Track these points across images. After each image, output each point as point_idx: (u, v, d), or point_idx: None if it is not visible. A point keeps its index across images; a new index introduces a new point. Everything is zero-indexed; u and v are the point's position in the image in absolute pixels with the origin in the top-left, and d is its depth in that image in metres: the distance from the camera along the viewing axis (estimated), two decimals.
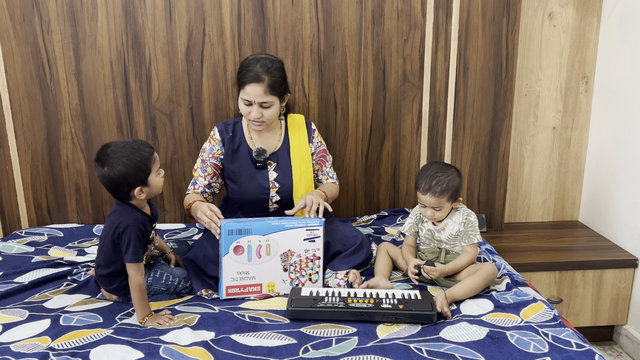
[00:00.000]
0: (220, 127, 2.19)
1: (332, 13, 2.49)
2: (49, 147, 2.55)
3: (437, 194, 1.92)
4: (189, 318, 1.72)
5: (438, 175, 1.94)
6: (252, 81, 2.00)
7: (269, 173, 2.16)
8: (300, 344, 1.59)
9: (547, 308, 1.76)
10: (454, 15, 2.52)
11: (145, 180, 1.77)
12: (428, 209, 1.97)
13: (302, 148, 2.19)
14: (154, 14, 2.44)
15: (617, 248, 2.59)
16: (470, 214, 1.99)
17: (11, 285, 1.96)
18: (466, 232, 1.97)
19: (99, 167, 1.75)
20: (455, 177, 1.95)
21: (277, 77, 2.03)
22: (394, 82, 2.58)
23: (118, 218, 1.78)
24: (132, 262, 1.74)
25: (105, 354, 1.53)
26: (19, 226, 2.62)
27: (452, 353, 1.53)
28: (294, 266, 1.92)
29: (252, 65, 2.02)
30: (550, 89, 2.77)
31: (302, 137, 2.21)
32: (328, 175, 2.26)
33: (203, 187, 2.17)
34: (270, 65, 2.03)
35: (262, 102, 2.02)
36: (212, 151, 2.17)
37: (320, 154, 2.25)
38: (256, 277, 1.91)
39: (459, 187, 1.96)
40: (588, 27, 2.71)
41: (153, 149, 1.80)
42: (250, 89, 2.01)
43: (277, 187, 2.15)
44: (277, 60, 2.09)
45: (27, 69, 2.46)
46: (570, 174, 2.89)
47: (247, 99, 2.03)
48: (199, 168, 2.18)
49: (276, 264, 1.91)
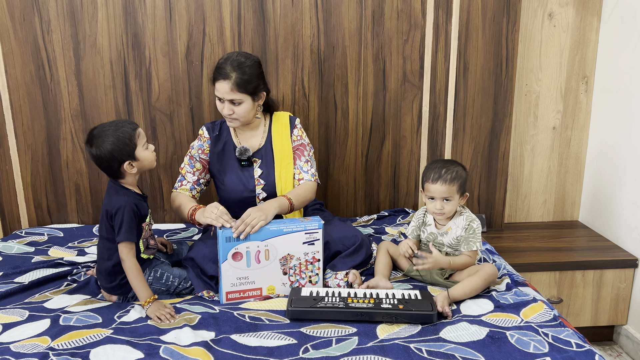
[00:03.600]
0: (207, 125, 2.23)
1: (332, 13, 2.49)
2: (49, 147, 2.55)
3: (447, 181, 1.92)
4: (189, 317, 1.72)
5: (447, 166, 1.95)
6: (220, 78, 2.03)
7: (254, 170, 2.17)
8: (300, 344, 1.59)
9: (547, 308, 1.76)
10: (454, 15, 2.52)
11: (132, 154, 1.83)
12: (437, 201, 1.94)
13: (284, 143, 2.20)
14: (154, 14, 2.44)
15: (617, 248, 2.59)
16: (474, 221, 1.96)
17: (11, 285, 1.96)
18: (466, 238, 1.95)
19: (89, 148, 1.83)
20: (462, 170, 1.97)
21: (247, 74, 2.02)
22: (394, 82, 2.58)
23: (110, 202, 1.84)
24: (125, 241, 1.79)
25: (105, 354, 1.53)
26: (19, 226, 2.62)
27: (452, 353, 1.53)
28: (293, 269, 1.92)
29: (224, 62, 2.05)
30: (550, 89, 2.77)
31: (285, 133, 2.21)
32: (301, 170, 2.19)
33: (192, 183, 2.17)
34: (242, 61, 2.03)
35: (230, 100, 2.04)
36: (202, 147, 2.19)
37: (297, 148, 2.22)
38: (256, 281, 1.90)
39: (466, 179, 1.97)
40: (588, 27, 2.71)
41: (137, 125, 1.87)
42: (218, 85, 2.04)
43: (263, 183, 2.16)
44: (251, 58, 2.08)
45: (27, 69, 2.46)
46: (570, 174, 2.89)
47: (217, 95, 2.07)
48: (186, 165, 2.19)
49: (275, 268, 1.91)
